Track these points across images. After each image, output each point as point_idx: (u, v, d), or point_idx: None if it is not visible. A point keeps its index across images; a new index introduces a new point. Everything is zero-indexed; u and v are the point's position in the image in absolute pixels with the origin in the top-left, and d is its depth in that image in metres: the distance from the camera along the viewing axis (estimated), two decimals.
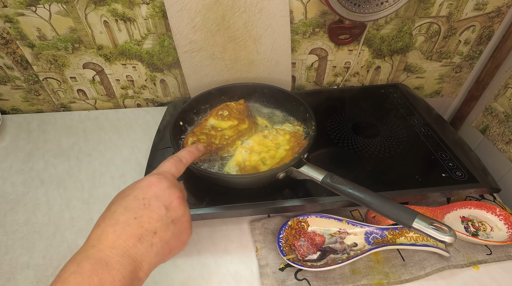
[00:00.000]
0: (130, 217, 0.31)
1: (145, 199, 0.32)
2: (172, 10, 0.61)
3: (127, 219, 0.31)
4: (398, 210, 0.39)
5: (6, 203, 0.60)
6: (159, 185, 0.33)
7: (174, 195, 0.34)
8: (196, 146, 0.43)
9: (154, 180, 0.34)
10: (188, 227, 0.35)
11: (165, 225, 0.32)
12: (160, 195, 0.33)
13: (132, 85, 0.79)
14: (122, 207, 0.32)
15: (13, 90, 0.78)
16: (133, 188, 0.33)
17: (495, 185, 0.52)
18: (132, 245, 0.30)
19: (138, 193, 0.33)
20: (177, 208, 0.33)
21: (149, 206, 0.32)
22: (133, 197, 0.32)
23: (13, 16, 0.65)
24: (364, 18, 0.60)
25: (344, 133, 0.64)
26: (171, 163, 0.38)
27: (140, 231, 0.30)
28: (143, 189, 0.33)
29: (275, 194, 0.52)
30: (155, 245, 0.31)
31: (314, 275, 0.47)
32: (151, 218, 0.31)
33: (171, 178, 0.35)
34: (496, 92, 0.70)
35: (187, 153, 0.41)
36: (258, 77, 0.73)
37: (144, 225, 0.31)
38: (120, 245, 0.29)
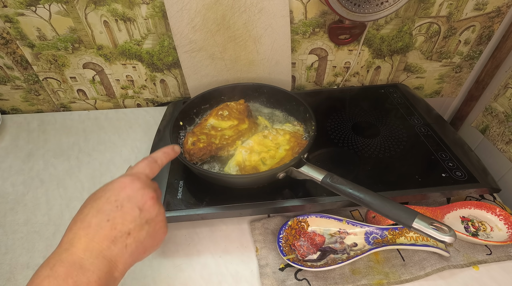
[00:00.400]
0: (102, 220, 0.31)
1: (118, 201, 0.32)
2: (172, 10, 0.61)
3: (99, 222, 0.30)
4: (398, 210, 0.39)
5: (6, 203, 0.60)
6: (131, 186, 0.33)
7: (147, 195, 0.33)
8: (173, 147, 0.42)
9: (127, 181, 0.34)
10: (163, 226, 0.35)
11: (139, 226, 0.32)
12: (133, 197, 0.33)
13: (132, 85, 0.79)
14: (94, 210, 0.31)
15: (13, 90, 0.78)
16: (105, 190, 0.33)
17: (495, 185, 0.52)
18: (106, 246, 0.30)
19: (110, 195, 0.32)
20: (150, 209, 0.33)
21: (122, 208, 0.32)
22: (105, 199, 0.32)
23: (13, 16, 0.65)
24: (364, 18, 0.60)
25: (344, 133, 0.64)
26: (145, 164, 0.37)
27: (113, 233, 0.30)
28: (115, 190, 0.33)
29: (275, 194, 0.52)
30: (129, 246, 0.31)
31: (314, 275, 0.47)
32: (124, 219, 0.31)
33: (145, 179, 0.35)
34: (496, 92, 0.70)
35: (163, 154, 0.40)
36: (258, 77, 0.73)
37: (117, 227, 0.31)
38: (94, 247, 0.29)
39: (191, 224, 0.56)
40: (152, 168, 0.37)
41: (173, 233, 0.55)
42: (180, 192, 0.53)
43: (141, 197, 0.33)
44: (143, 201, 0.33)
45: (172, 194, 0.53)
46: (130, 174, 0.35)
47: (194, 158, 0.54)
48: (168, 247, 0.53)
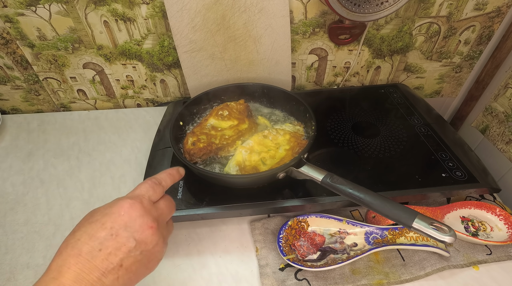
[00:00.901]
0: (94, 248, 0.29)
1: (113, 228, 0.30)
2: (172, 10, 0.61)
3: (91, 250, 0.28)
4: (398, 210, 0.39)
5: (6, 203, 0.60)
6: (130, 213, 0.31)
7: (146, 225, 0.31)
8: (177, 170, 0.40)
9: (126, 206, 0.31)
10: (158, 256, 0.33)
11: (133, 257, 0.30)
12: (130, 226, 0.30)
13: (132, 85, 0.79)
14: (87, 235, 0.29)
15: (13, 90, 0.78)
16: (103, 213, 0.31)
17: (495, 185, 0.52)
18: (97, 278, 0.28)
19: (106, 220, 0.30)
20: (147, 240, 0.31)
21: (116, 237, 0.29)
22: (100, 224, 0.30)
23: (13, 16, 0.65)
24: (364, 18, 0.60)
25: (344, 133, 0.64)
26: (149, 186, 0.35)
27: (105, 265, 0.28)
28: (112, 216, 0.30)
29: (275, 194, 0.52)
30: (121, 278, 0.29)
31: (314, 275, 0.47)
32: (118, 250, 0.29)
33: (147, 204, 0.33)
34: (496, 92, 0.70)
35: (167, 176, 0.38)
36: (258, 77, 0.73)
37: (109, 258, 0.29)
38: (84, 278, 0.27)
39: (191, 224, 0.56)
40: (156, 191, 0.35)
41: (173, 233, 0.54)
42: (180, 192, 0.53)
43: (139, 226, 0.31)
44: (141, 230, 0.31)
45: (172, 194, 0.53)
46: (131, 196, 0.33)
47: (194, 158, 0.54)
48: (168, 247, 0.52)
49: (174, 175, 0.39)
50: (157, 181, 0.36)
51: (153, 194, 0.34)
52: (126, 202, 0.31)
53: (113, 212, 0.31)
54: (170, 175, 0.38)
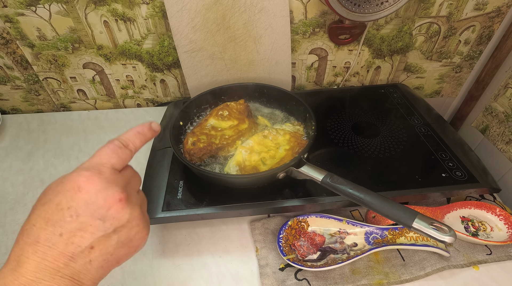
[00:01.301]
0: (54, 233, 0.24)
1: (71, 208, 0.25)
2: (172, 10, 0.61)
3: (50, 236, 0.24)
4: (398, 210, 0.39)
5: (6, 203, 0.60)
6: (88, 187, 0.25)
7: (112, 198, 0.26)
8: (150, 125, 0.31)
9: (82, 181, 0.26)
10: (139, 231, 0.28)
11: (105, 237, 0.26)
12: (91, 202, 0.25)
13: (132, 85, 0.79)
14: (42, 219, 0.25)
15: (13, 90, 0.78)
16: (56, 192, 0.26)
17: (495, 185, 0.52)
18: (64, 264, 0.24)
19: (61, 199, 0.25)
20: (118, 215, 0.26)
21: (77, 218, 0.25)
22: (55, 205, 0.25)
23: (13, 16, 0.65)
24: (364, 18, 0.60)
25: (344, 133, 0.64)
26: (111, 150, 0.28)
27: (71, 249, 0.24)
28: (67, 194, 0.25)
29: (275, 194, 0.52)
30: (95, 260, 0.25)
31: (314, 275, 0.47)
32: (83, 231, 0.25)
33: (108, 173, 0.27)
34: (496, 92, 0.70)
35: (135, 135, 0.30)
36: (258, 77, 0.73)
37: (74, 241, 0.25)
38: (47, 266, 0.24)
39: (191, 224, 0.56)
40: (121, 155, 0.28)
41: (173, 233, 0.55)
42: (180, 192, 0.53)
43: (103, 201, 0.26)
44: (107, 206, 0.26)
45: (172, 194, 0.53)
46: (88, 167, 0.27)
47: (194, 158, 0.54)
48: (168, 247, 0.53)
49: (144, 133, 0.31)
50: (121, 143, 0.29)
51: (116, 160, 0.28)
52: (80, 176, 0.26)
53: (67, 189, 0.25)
54: (138, 134, 0.30)
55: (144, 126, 0.31)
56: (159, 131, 0.33)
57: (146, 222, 0.29)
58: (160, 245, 0.53)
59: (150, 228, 0.55)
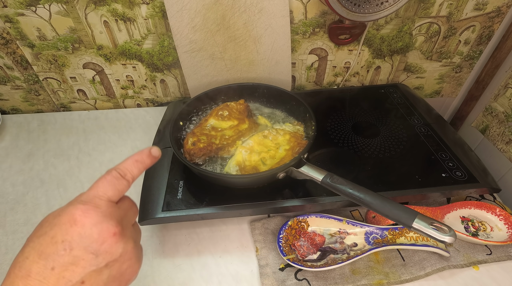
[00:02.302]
0: (46, 267, 0.24)
1: (65, 242, 0.25)
2: (172, 10, 0.61)
3: (42, 270, 0.24)
4: (398, 210, 0.39)
5: (6, 203, 0.60)
6: (83, 221, 0.26)
7: (106, 232, 0.26)
8: (149, 151, 0.31)
9: (78, 214, 0.26)
10: (131, 265, 0.28)
11: (96, 272, 0.26)
12: (86, 236, 0.25)
13: (132, 85, 0.79)
14: (35, 252, 0.25)
15: (13, 90, 0.78)
16: (52, 225, 0.26)
17: (495, 185, 0.52)
18: None
19: (56, 232, 0.25)
20: (111, 249, 0.26)
21: (71, 251, 0.25)
22: (49, 238, 0.25)
23: (13, 16, 0.65)
24: (364, 18, 0.60)
25: (344, 133, 0.64)
26: (108, 182, 0.28)
27: (61, 283, 0.24)
28: (62, 227, 0.26)
29: (275, 194, 0.52)
30: None
31: (314, 275, 0.47)
32: (75, 266, 0.25)
33: (105, 206, 0.27)
34: (496, 92, 0.70)
35: (133, 164, 0.30)
36: (258, 77, 0.73)
37: (66, 275, 0.25)
38: None
39: (191, 224, 0.56)
40: (118, 187, 0.29)
41: (173, 233, 0.55)
42: (180, 192, 0.53)
43: (98, 235, 0.26)
44: (101, 240, 0.26)
45: (172, 194, 0.53)
46: (85, 200, 0.27)
47: (194, 158, 0.54)
48: (168, 247, 0.53)
49: (143, 161, 0.31)
50: (118, 174, 0.29)
51: (113, 193, 0.28)
52: (77, 209, 0.26)
53: (63, 222, 0.26)
54: (136, 162, 0.30)
55: (143, 153, 0.31)
56: (159, 156, 0.32)
57: (138, 256, 0.29)
58: (160, 245, 0.53)
59: (150, 228, 0.55)
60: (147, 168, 0.31)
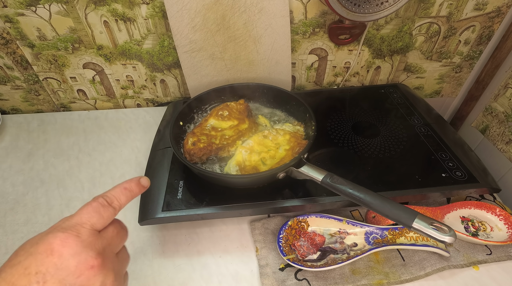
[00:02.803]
0: None
1: (39, 274, 0.23)
2: (172, 10, 0.61)
3: None
4: (398, 210, 0.39)
5: (6, 203, 0.60)
6: (61, 251, 0.24)
7: (84, 264, 0.24)
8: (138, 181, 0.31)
9: (57, 243, 0.24)
10: None
11: None
12: (62, 268, 0.24)
13: (132, 85, 0.79)
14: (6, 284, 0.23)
15: (13, 90, 0.78)
16: (27, 254, 0.24)
17: (495, 185, 0.52)
18: None
19: (30, 263, 0.24)
20: (89, 283, 0.24)
21: (44, 284, 0.23)
22: (23, 269, 0.23)
23: (13, 16, 0.65)
24: (364, 18, 0.60)
25: (344, 133, 0.64)
26: (93, 209, 0.27)
27: None
28: (38, 257, 0.24)
29: (275, 194, 0.52)
30: None
31: (314, 275, 0.47)
32: None
33: (86, 235, 0.26)
34: (496, 92, 0.70)
35: (122, 191, 0.29)
36: (258, 77, 0.73)
37: None
38: None
39: (191, 224, 0.56)
40: (103, 215, 0.28)
41: (173, 233, 0.55)
42: (180, 192, 0.53)
43: (75, 267, 0.24)
44: (78, 273, 0.24)
45: (172, 194, 0.53)
46: (66, 228, 0.26)
47: (194, 158, 0.54)
48: (168, 247, 0.53)
49: (131, 189, 0.30)
50: (105, 201, 0.28)
51: (97, 220, 0.27)
52: (56, 238, 0.24)
53: (39, 251, 0.24)
54: (125, 190, 0.30)
55: (132, 181, 0.31)
56: (148, 186, 0.32)
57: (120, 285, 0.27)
58: (160, 245, 0.53)
59: (150, 228, 0.55)
60: (135, 197, 0.30)
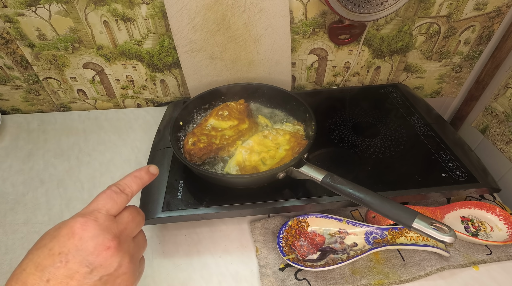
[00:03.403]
0: (41, 279, 0.25)
1: (62, 254, 0.26)
2: (172, 10, 0.61)
3: (37, 282, 0.25)
4: (398, 210, 0.39)
5: (6, 203, 0.60)
6: (81, 234, 0.27)
7: (102, 245, 0.27)
8: (147, 169, 0.34)
9: (77, 226, 0.27)
10: (126, 279, 0.28)
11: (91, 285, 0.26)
12: (82, 248, 0.26)
13: (132, 85, 0.79)
14: (33, 264, 0.26)
15: (13, 90, 0.78)
16: (51, 236, 0.27)
17: (495, 185, 0.52)
18: None
19: (54, 245, 0.26)
20: (106, 263, 0.27)
21: (67, 264, 0.26)
22: (48, 250, 0.26)
23: (13, 16, 0.65)
24: (364, 18, 0.60)
25: (344, 133, 0.64)
26: (107, 196, 0.30)
27: None
28: (60, 239, 0.26)
29: (275, 194, 0.52)
30: None
31: (314, 275, 0.47)
32: (70, 278, 0.25)
33: (103, 220, 0.28)
34: (496, 92, 0.70)
35: (132, 179, 0.32)
36: (258, 77, 0.73)
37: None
38: None
39: (191, 224, 0.56)
40: (117, 201, 0.30)
41: (173, 233, 0.55)
42: (180, 192, 0.53)
43: (94, 248, 0.27)
44: (96, 253, 0.27)
45: (172, 194, 0.53)
46: (84, 213, 0.29)
47: (194, 158, 0.54)
48: (168, 247, 0.53)
49: (141, 177, 0.33)
50: (118, 188, 0.31)
51: (112, 206, 0.30)
52: (76, 222, 0.27)
53: (62, 234, 0.27)
54: (135, 178, 0.32)
55: (142, 170, 0.33)
56: (157, 174, 0.35)
57: (133, 271, 0.30)
58: (160, 245, 0.53)
59: (150, 228, 0.55)
60: (145, 185, 0.33)
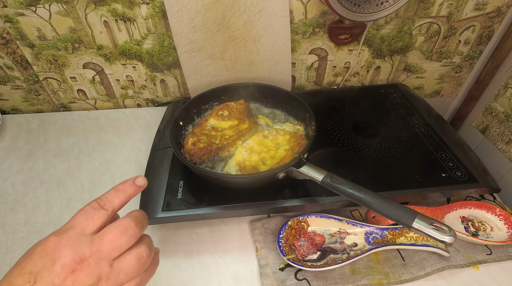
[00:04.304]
0: None
1: (31, 274, 0.25)
2: (172, 10, 0.61)
3: None
4: (398, 210, 0.39)
5: (6, 203, 0.60)
6: (53, 253, 0.26)
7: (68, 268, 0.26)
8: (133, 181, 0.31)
9: (49, 246, 0.26)
10: None
11: None
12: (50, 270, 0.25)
13: (132, 85, 0.79)
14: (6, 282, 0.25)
15: (13, 90, 0.78)
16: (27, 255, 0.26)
17: (495, 185, 0.52)
18: None
19: (27, 263, 0.26)
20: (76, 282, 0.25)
21: (34, 284, 0.25)
22: (20, 269, 0.25)
23: (13, 16, 0.65)
24: (364, 18, 0.60)
25: (344, 133, 0.64)
26: (84, 213, 0.29)
27: None
28: (33, 258, 0.26)
29: (275, 194, 0.52)
30: None
31: (314, 275, 0.47)
32: None
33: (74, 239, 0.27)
34: (496, 92, 0.70)
35: (114, 193, 0.30)
36: (258, 77, 0.73)
37: None
38: None
39: (191, 224, 0.56)
40: (93, 218, 0.28)
41: (173, 233, 0.55)
42: (180, 192, 0.53)
43: (61, 269, 0.25)
44: (63, 275, 0.25)
45: (172, 194, 0.53)
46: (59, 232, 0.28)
47: (194, 158, 0.54)
48: (168, 247, 0.53)
49: (124, 190, 0.30)
50: (97, 204, 0.29)
51: (88, 223, 0.28)
52: (49, 241, 0.26)
53: (35, 253, 0.26)
54: (117, 192, 0.30)
55: (126, 182, 0.30)
56: (145, 185, 0.31)
57: None
58: (160, 245, 0.53)
59: (150, 228, 0.55)
60: (131, 198, 0.31)
